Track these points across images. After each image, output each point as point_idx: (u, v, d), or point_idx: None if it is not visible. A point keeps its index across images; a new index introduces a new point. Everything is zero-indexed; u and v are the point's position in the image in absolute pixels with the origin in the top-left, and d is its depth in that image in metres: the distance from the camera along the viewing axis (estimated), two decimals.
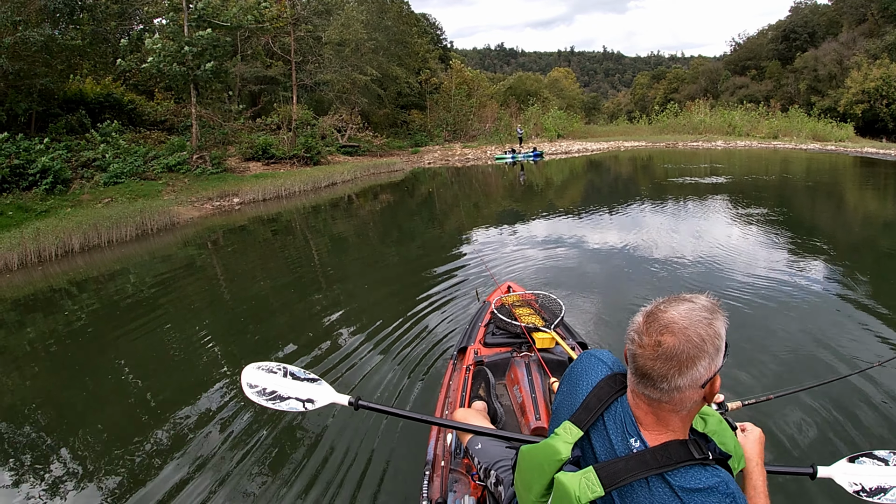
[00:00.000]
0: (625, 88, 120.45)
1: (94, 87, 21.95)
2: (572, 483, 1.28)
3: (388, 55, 35.14)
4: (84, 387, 5.33)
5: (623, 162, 28.56)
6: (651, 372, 1.22)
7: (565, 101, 54.33)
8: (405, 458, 3.57)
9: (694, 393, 1.24)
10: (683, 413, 1.28)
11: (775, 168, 22.63)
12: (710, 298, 1.28)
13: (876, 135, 40.44)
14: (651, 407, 1.29)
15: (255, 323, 6.74)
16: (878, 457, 2.11)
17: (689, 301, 1.26)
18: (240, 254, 11.34)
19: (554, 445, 1.38)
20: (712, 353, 1.21)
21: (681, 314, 1.22)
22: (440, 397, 3.49)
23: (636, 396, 1.32)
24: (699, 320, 1.21)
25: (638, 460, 1.26)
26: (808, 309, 6.00)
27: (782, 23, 58.34)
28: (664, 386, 1.22)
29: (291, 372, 2.42)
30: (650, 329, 1.23)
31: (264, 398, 2.33)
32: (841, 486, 2.05)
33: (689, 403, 1.26)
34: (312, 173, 22.83)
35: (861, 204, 13.75)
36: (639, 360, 1.25)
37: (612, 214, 12.92)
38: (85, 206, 14.89)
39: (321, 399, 2.35)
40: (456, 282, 7.70)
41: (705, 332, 1.21)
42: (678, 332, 1.20)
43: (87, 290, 9.11)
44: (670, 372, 1.20)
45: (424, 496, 2.43)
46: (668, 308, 1.25)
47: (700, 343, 1.20)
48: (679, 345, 1.20)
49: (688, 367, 1.20)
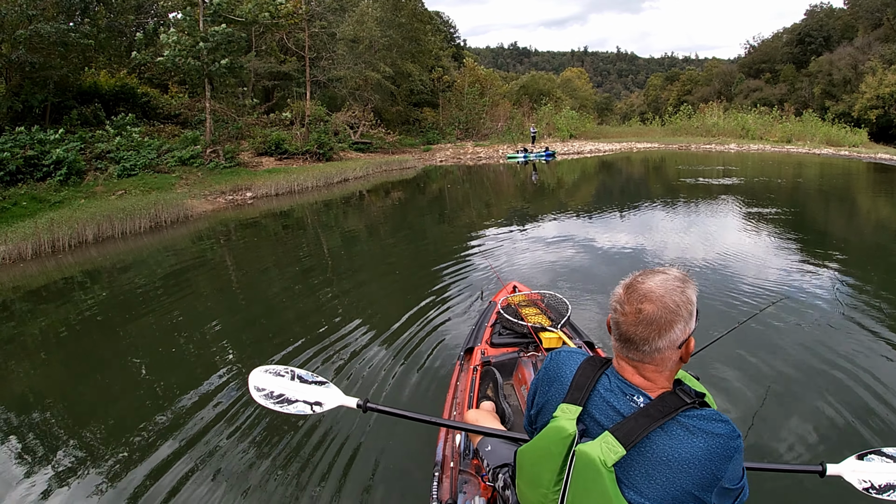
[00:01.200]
0: (638, 89, 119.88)
1: (108, 79, 22.13)
2: (594, 450, 1.37)
3: (401, 52, 35.18)
4: (93, 378, 5.37)
5: (635, 163, 28.39)
6: (634, 336, 1.39)
7: (578, 102, 54.19)
8: (414, 458, 3.55)
9: (672, 353, 1.41)
10: (666, 372, 1.44)
11: (788, 172, 22.40)
12: (681, 270, 1.45)
13: (890, 141, 39.97)
14: (637, 369, 1.44)
15: (265, 318, 6.77)
16: (888, 454, 2.12)
17: (662, 273, 1.43)
18: (252, 249, 11.40)
19: (558, 426, 1.46)
20: (686, 317, 1.39)
21: (657, 284, 1.39)
22: (448, 398, 3.48)
23: (622, 361, 1.47)
24: (673, 289, 1.39)
25: (645, 414, 1.38)
26: (816, 316, 5.96)
27: (797, 26, 57.87)
28: (646, 348, 1.39)
29: (299, 375, 2.42)
30: (631, 298, 1.40)
31: (272, 401, 2.34)
32: (850, 483, 2.06)
33: (670, 364, 1.43)
34: (325, 169, 22.91)
35: (874, 210, 13.62)
36: (622, 327, 1.41)
37: (623, 215, 12.89)
38: (98, 198, 15.04)
39: (329, 402, 2.36)
40: (463, 281, 7.70)
41: (679, 298, 1.38)
42: (656, 299, 1.37)
43: (100, 281, 9.20)
44: (651, 335, 1.37)
45: (434, 497, 2.42)
46: (645, 279, 1.42)
47: (675, 308, 1.37)
48: (657, 311, 1.36)
49: (666, 330, 1.37)
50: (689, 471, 1.34)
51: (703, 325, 4.94)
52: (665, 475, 1.35)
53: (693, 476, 1.34)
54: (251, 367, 2.30)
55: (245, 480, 3.51)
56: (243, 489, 3.42)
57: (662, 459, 1.35)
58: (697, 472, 1.34)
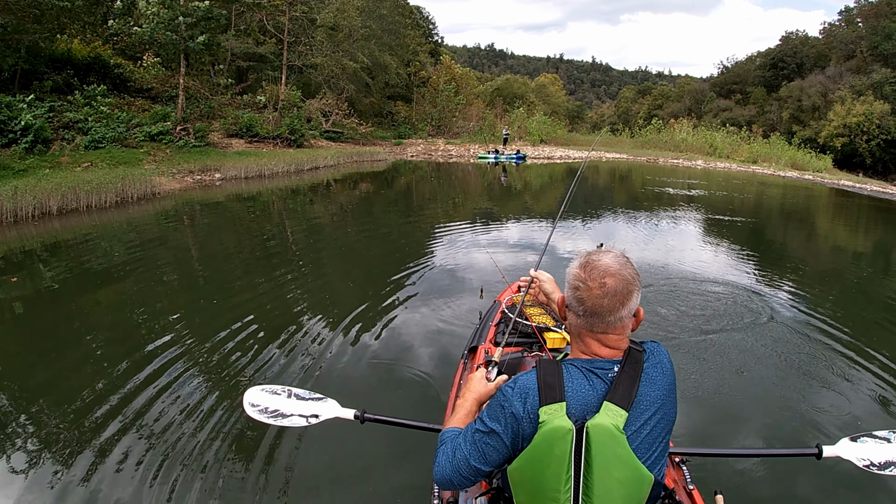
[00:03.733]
0: (609, 100, 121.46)
1: (82, 48, 21.57)
2: (603, 420, 1.47)
3: (379, 44, 35.05)
4: (48, 355, 5.22)
5: (604, 173, 28.98)
6: (600, 308, 1.53)
7: (550, 108, 54.67)
8: (416, 456, 3.54)
9: (630, 321, 1.59)
10: (625, 339, 1.60)
11: (752, 190, 23.15)
12: (617, 250, 1.63)
13: (853, 169, 41.22)
14: (600, 341, 1.59)
15: (224, 298, 6.71)
16: (879, 436, 2.22)
17: (609, 251, 1.60)
18: (217, 230, 11.36)
19: (553, 428, 1.48)
20: (638, 287, 1.57)
21: (612, 260, 1.56)
22: (451, 396, 3.47)
23: (587, 336, 1.61)
24: (625, 263, 1.57)
25: (628, 374, 1.53)
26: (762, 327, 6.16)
27: (771, 51, 59.18)
28: (611, 318, 1.54)
29: (296, 394, 2.43)
30: (592, 275, 1.55)
31: (266, 416, 2.34)
32: (849, 460, 2.17)
33: (627, 331, 1.60)
34: (296, 155, 22.84)
35: (832, 229, 14.12)
36: (588, 301, 1.55)
37: (586, 222, 13.07)
38: (64, 169, 14.73)
39: (325, 413, 2.37)
40: (463, 280, 7.74)
41: (631, 271, 1.56)
42: (615, 273, 1.53)
43: (61, 255, 8.98)
44: (616, 305, 1.53)
45: (436, 496, 2.37)
46: (599, 258, 1.57)
47: (632, 280, 1.55)
48: (618, 283, 1.53)
49: (627, 299, 1.54)
50: (671, 399, 1.59)
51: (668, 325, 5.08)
52: (657, 416, 1.53)
53: (672, 402, 1.59)
54: (219, 354, 2.23)
55: (218, 479, 3.39)
56: (228, 489, 3.31)
57: (653, 403, 1.53)
58: (672, 397, 1.59)
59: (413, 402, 4.47)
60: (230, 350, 5.21)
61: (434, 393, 4.49)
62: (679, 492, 2.36)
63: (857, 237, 14.05)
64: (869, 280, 9.24)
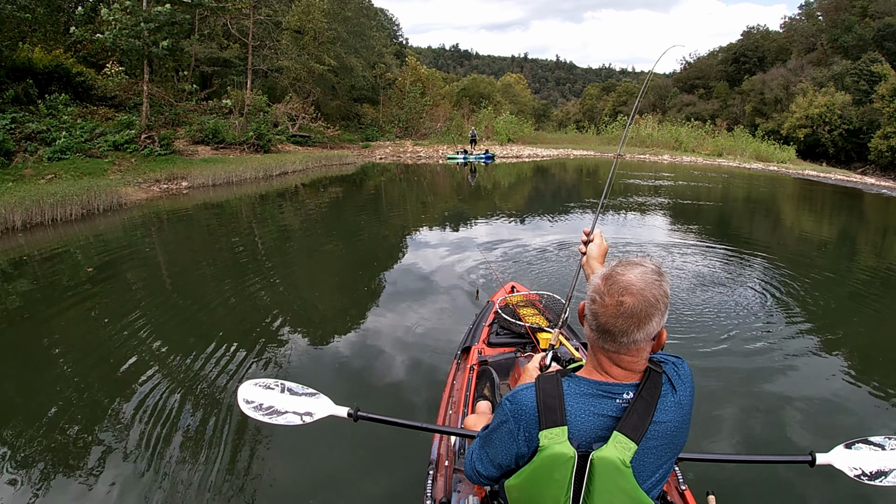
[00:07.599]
0: (574, 98, 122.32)
1: (43, 57, 21.18)
2: (610, 452, 1.41)
3: (345, 46, 34.95)
4: (15, 372, 5.16)
5: (571, 170, 29.37)
6: (613, 328, 1.41)
7: (517, 107, 54.99)
8: (408, 456, 3.54)
9: (647, 345, 1.46)
10: (641, 362, 1.48)
11: (719, 181, 23.83)
12: (656, 262, 1.49)
13: (816, 159, 42.60)
14: (612, 360, 1.48)
15: (204, 312, 6.68)
16: (874, 442, 2.17)
17: (640, 265, 1.45)
18: (186, 240, 11.29)
19: (554, 454, 1.45)
20: (662, 311, 1.43)
21: (637, 277, 1.41)
22: (444, 396, 3.49)
23: (598, 352, 1.50)
24: (652, 282, 1.41)
25: (644, 401, 1.44)
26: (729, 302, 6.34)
27: (733, 45, 60.59)
28: (624, 340, 1.41)
29: (289, 388, 2.42)
30: (611, 290, 1.41)
31: (260, 413, 2.33)
32: (841, 470, 2.12)
33: (644, 354, 1.47)
34: (263, 161, 22.68)
35: (798, 219, 14.42)
36: (601, 318, 1.43)
37: (552, 219, 13.18)
38: (27, 182, 14.46)
39: (319, 412, 2.36)
40: (458, 281, 7.82)
41: (657, 292, 1.41)
42: (636, 293, 1.39)
43: (26, 270, 8.81)
44: (630, 328, 1.40)
45: (428, 496, 2.40)
46: (624, 272, 1.43)
47: (654, 302, 1.40)
48: (637, 304, 1.39)
49: (645, 322, 1.40)
50: (685, 426, 1.52)
51: None
52: (667, 445, 1.47)
53: (685, 429, 1.52)
54: (198, 361, 2.28)
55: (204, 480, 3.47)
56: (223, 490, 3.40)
57: (666, 433, 1.46)
58: (686, 424, 1.52)
59: (406, 401, 4.52)
60: (209, 356, 5.25)
61: (427, 393, 4.54)
62: (671, 492, 2.40)
63: (831, 226, 14.40)
64: (863, 277, 9.25)
